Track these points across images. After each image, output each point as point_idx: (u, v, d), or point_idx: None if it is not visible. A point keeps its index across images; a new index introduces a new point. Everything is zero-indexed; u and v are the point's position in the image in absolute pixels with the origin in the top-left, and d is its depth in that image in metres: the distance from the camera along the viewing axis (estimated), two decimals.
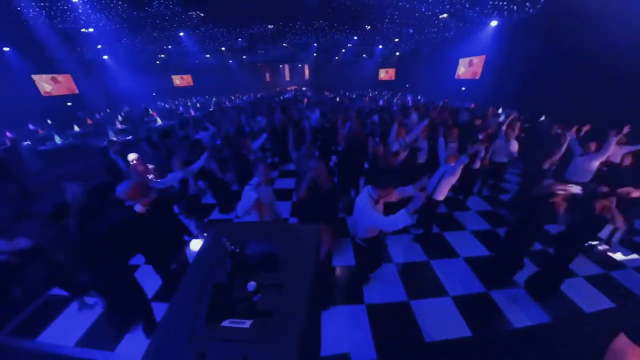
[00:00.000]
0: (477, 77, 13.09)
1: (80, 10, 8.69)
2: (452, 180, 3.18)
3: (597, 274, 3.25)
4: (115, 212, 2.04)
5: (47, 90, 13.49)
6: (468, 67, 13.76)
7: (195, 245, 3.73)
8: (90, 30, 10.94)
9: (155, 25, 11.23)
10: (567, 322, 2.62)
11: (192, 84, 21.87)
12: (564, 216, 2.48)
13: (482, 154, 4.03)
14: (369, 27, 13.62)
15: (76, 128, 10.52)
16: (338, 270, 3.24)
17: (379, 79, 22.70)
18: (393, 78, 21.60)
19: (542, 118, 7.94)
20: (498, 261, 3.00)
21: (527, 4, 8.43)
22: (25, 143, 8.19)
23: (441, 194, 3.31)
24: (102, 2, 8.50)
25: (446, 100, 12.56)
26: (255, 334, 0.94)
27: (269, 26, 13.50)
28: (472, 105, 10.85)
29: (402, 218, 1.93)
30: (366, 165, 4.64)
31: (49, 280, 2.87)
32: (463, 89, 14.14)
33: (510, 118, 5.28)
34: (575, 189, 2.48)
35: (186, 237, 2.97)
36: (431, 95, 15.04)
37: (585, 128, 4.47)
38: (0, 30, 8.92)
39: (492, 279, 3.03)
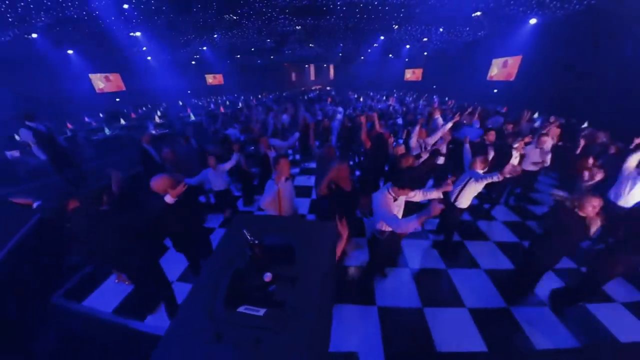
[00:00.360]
0: (512, 79, 12.14)
1: (130, 16, 9.48)
2: (478, 188, 2.97)
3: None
4: (151, 199, 2.22)
5: (101, 87, 14.91)
6: (502, 68, 12.81)
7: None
8: (138, 34, 11.92)
9: (194, 28, 11.92)
10: (597, 350, 2.36)
11: (222, 82, 22.85)
12: (602, 233, 2.24)
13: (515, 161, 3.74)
14: (396, 26, 13.22)
15: (122, 121, 11.54)
16: (352, 270, 3.23)
17: (405, 79, 21.95)
18: (420, 79, 20.74)
19: (585, 125, 7.17)
20: (519, 275, 2.79)
21: None
22: (81, 133, 9.18)
23: (464, 202, 3.10)
24: (152, 9, 9.21)
25: (476, 104, 11.83)
26: (268, 322, 0.98)
27: (297, 27, 13.67)
28: (504, 109, 10.08)
29: (410, 222, 1.93)
30: (387, 168, 4.55)
31: (90, 254, 3.21)
32: (495, 91, 13.20)
33: (550, 125, 4.77)
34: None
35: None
36: (460, 97, 14.22)
37: (638, 141, 3.85)
38: (67, 34, 10.01)
39: (514, 295, 2.81)
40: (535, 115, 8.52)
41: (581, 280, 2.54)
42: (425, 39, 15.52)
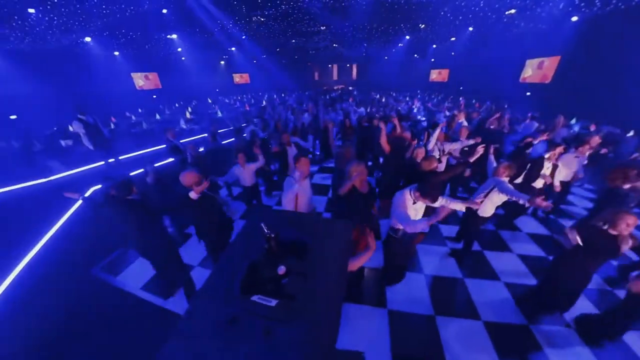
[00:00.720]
0: (548, 82, 11.17)
1: (169, 20, 10.11)
2: (502, 198, 2.75)
3: None
4: (182, 191, 2.38)
5: (140, 84, 16.04)
6: (537, 70, 11.82)
7: None
8: (174, 36, 12.65)
9: (224, 30, 12.41)
10: None
11: (249, 81, 23.51)
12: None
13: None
14: (423, 26, 12.71)
15: (157, 116, 12.35)
16: (365, 271, 3.20)
17: (430, 80, 21.03)
18: (446, 80, 19.72)
19: (631, 134, 6.42)
20: (542, 291, 2.57)
21: None
22: (122, 126, 9.98)
23: (487, 210, 2.91)
24: (188, 14, 9.78)
25: (504, 108, 11.05)
26: (279, 313, 1.02)
27: (322, 27, 13.65)
28: (537, 114, 9.29)
29: (419, 224, 1.98)
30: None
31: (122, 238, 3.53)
32: (528, 94, 12.23)
33: (593, 137, 4.25)
34: None
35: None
36: (488, 99, 13.35)
37: None
38: (115, 37, 10.91)
39: (536, 312, 2.60)
40: (573, 121, 7.77)
41: (618, 306, 2.24)
42: (453, 39, 14.77)
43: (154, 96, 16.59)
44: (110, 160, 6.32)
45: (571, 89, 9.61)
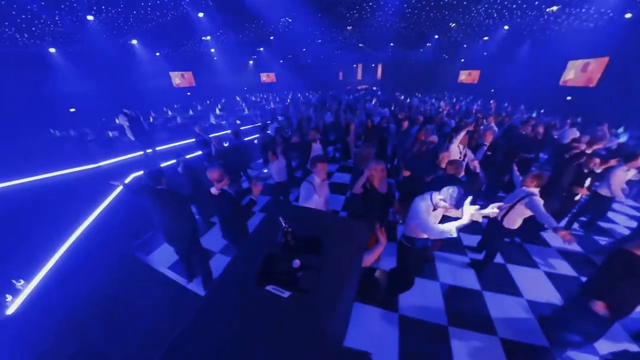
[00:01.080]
0: (592, 85, 10.03)
1: (202, 25, 10.67)
2: (529, 212, 2.53)
3: None
4: (206, 182, 2.54)
5: (177, 82, 17.08)
6: (580, 72, 10.64)
7: None
8: (208, 38, 13.28)
9: (253, 31, 12.80)
10: None
11: (274, 80, 23.98)
12: None
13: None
14: (453, 25, 12.01)
15: (190, 112, 13.10)
16: (379, 272, 3.14)
17: (459, 81, 19.85)
18: (476, 81, 18.50)
19: None
20: (572, 314, 2.29)
21: None
22: (159, 120, 10.73)
23: (513, 222, 2.70)
24: (218, 18, 10.23)
25: (542, 111, 10.13)
26: (291, 305, 1.04)
27: (348, 28, 13.49)
28: (578, 120, 8.38)
29: (447, 230, 1.83)
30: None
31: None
32: (569, 98, 11.08)
33: None
34: None
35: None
36: (523, 102, 12.31)
37: None
38: (156, 39, 11.73)
39: (562, 337, 2.31)
40: (620, 130, 6.91)
41: None
42: (485, 38, 13.78)
43: (188, 93, 17.58)
44: (149, 151, 6.84)
45: (620, 94, 8.54)
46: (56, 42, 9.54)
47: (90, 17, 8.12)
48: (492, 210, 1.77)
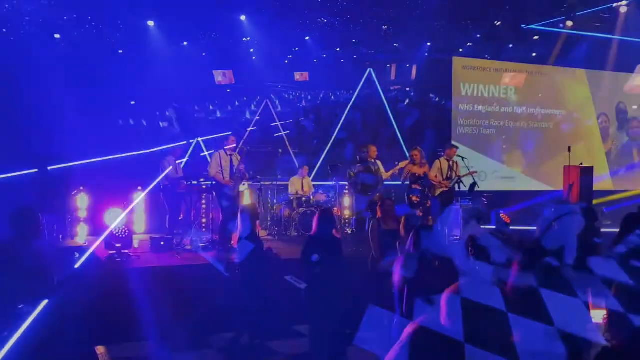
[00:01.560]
0: None
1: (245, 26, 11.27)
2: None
3: None
4: None
5: (219, 80, 18.28)
6: None
7: None
8: (248, 39, 14.01)
9: (290, 29, 13.16)
10: None
11: (307, 79, 24.26)
12: None
13: None
14: (498, 23, 10.85)
15: (229, 107, 14.04)
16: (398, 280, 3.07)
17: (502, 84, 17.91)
18: (522, 85, 16.37)
19: None
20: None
21: None
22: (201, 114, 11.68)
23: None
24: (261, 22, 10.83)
25: None
26: (307, 296, 1.08)
27: (383, 27, 13.05)
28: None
29: None
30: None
31: None
32: None
33: None
34: None
35: None
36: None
37: None
38: (203, 39, 12.71)
39: None
40: None
41: None
42: (536, 37, 12.22)
43: (228, 90, 18.69)
44: (191, 141, 7.57)
45: None
46: (124, 46, 10.94)
47: (150, 23, 9.14)
48: None
